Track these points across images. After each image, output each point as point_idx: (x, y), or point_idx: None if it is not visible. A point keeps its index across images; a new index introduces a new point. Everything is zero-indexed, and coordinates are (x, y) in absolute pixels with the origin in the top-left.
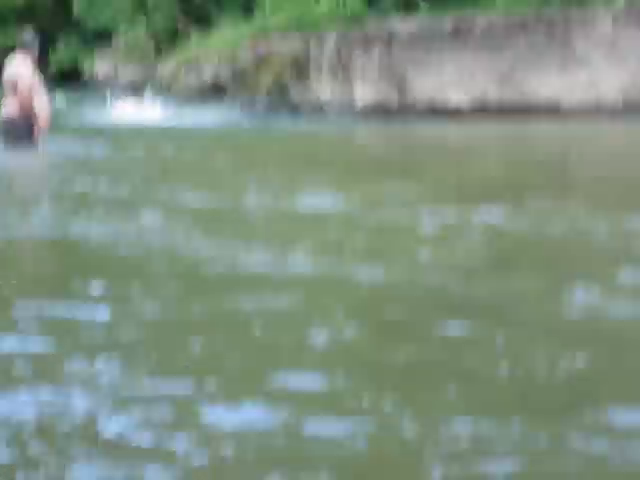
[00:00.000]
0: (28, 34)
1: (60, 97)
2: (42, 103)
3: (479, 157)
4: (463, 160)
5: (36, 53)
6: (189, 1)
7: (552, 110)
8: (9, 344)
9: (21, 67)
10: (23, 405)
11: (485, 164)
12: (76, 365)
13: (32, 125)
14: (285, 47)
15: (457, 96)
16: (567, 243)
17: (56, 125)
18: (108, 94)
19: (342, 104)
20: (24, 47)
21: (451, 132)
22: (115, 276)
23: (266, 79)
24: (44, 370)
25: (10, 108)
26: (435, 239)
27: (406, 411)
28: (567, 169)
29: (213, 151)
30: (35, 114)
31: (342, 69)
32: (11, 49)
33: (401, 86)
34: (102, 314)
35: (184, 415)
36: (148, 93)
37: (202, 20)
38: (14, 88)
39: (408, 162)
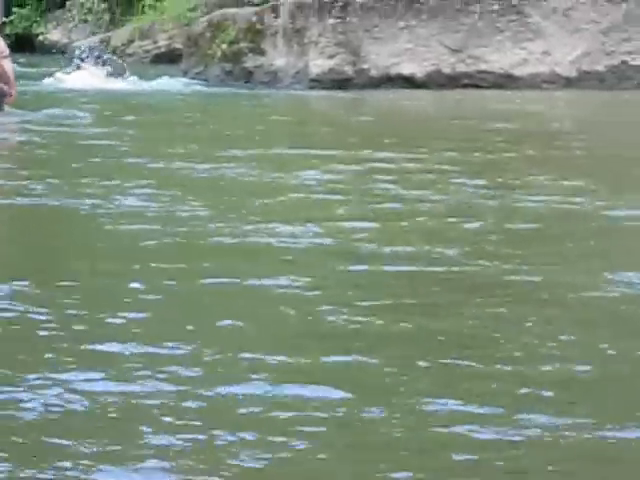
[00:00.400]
0: None
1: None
2: (9, 68)
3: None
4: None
5: (1, 18)
6: None
7: (506, 81)
8: None
9: None
10: None
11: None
12: None
13: (2, 91)
14: (240, 14)
15: (411, 65)
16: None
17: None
18: (62, 60)
19: (296, 72)
20: None
21: (404, 99)
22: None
23: (220, 46)
24: None
25: None
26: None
27: None
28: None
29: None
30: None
31: (297, 37)
32: None
33: (356, 54)
34: None
35: None
36: (104, 59)
37: None
38: None
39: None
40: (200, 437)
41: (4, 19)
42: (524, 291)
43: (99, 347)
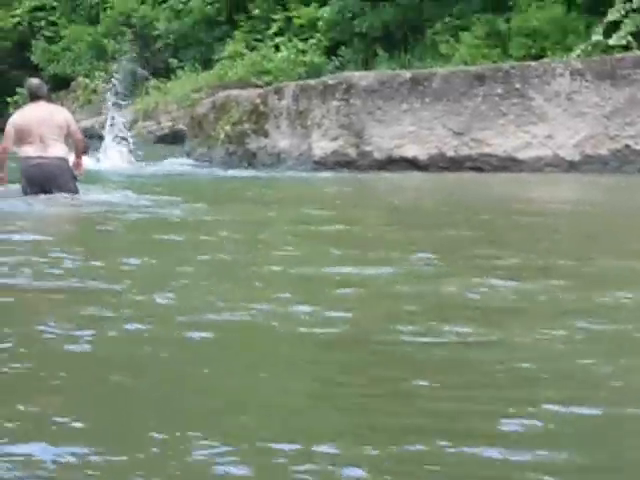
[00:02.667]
0: (41, 83)
1: None
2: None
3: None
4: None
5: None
6: (147, 50)
7: (509, 164)
8: None
9: (65, 112)
10: None
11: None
12: None
13: (72, 171)
14: (243, 96)
15: (414, 148)
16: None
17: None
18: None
19: (300, 154)
20: (41, 95)
21: (411, 180)
22: None
23: (224, 128)
24: None
25: (58, 151)
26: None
27: None
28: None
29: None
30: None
31: (300, 119)
32: None
33: (359, 137)
34: None
35: None
36: (120, 140)
37: (161, 69)
38: (61, 133)
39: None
40: None
41: (7, 99)
42: None
43: None
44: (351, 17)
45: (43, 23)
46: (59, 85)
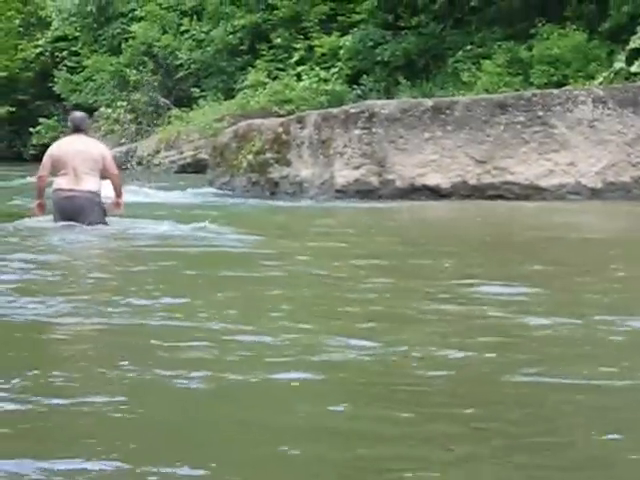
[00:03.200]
0: (84, 117)
1: None
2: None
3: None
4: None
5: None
6: (170, 80)
7: (532, 192)
8: None
9: (101, 147)
10: None
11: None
12: None
13: (102, 205)
14: (265, 125)
15: (437, 176)
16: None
17: None
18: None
19: (322, 183)
20: (82, 129)
21: (436, 209)
22: None
23: (246, 157)
24: None
25: (90, 185)
26: None
27: None
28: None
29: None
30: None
31: (322, 148)
32: None
33: (381, 165)
34: None
35: None
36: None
37: (183, 99)
38: (95, 167)
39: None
40: None
41: (31, 129)
42: None
43: None
44: (372, 46)
45: (65, 53)
46: None
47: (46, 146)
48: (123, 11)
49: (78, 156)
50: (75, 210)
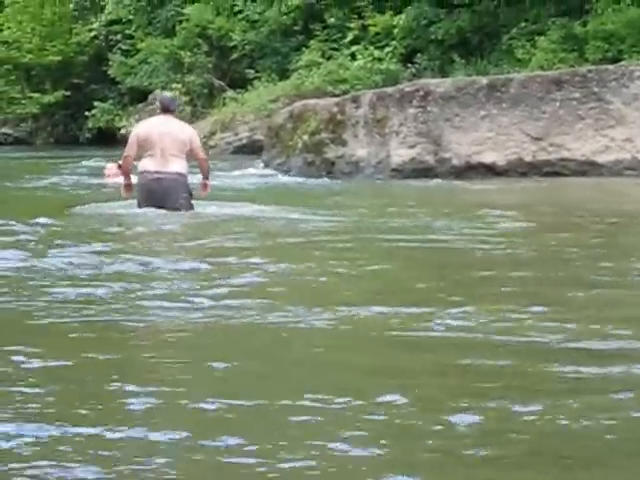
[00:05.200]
0: (174, 98)
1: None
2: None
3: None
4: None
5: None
6: (224, 62)
7: (588, 168)
8: None
9: (190, 130)
10: None
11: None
12: None
13: (189, 187)
14: (320, 105)
15: (492, 154)
16: None
17: None
18: None
19: (378, 162)
20: (171, 110)
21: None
22: None
23: (302, 137)
24: None
25: (177, 167)
26: None
27: None
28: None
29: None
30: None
31: (378, 127)
32: (48, 106)
33: (437, 144)
34: None
35: None
36: None
37: (237, 80)
38: (182, 149)
39: None
40: None
41: (86, 113)
42: None
43: None
44: (426, 24)
45: (119, 36)
46: (136, 98)
47: (101, 130)
48: None
49: (166, 137)
50: (163, 192)
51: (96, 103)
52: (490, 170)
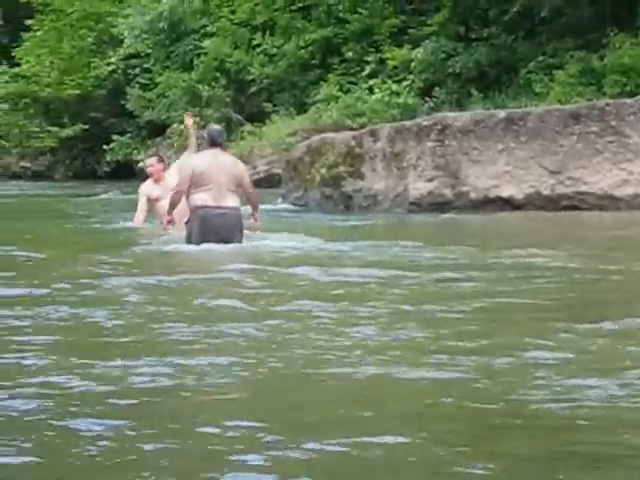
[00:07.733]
0: (222, 131)
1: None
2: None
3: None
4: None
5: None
6: (242, 95)
7: (606, 202)
8: None
9: (241, 164)
10: None
11: None
12: None
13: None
14: (338, 139)
15: (510, 187)
16: None
17: None
18: None
19: (396, 195)
20: (220, 143)
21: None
22: None
23: (320, 171)
24: None
25: (234, 202)
26: None
27: None
28: None
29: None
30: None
31: (395, 160)
32: (67, 140)
33: (455, 177)
34: None
35: None
36: None
37: (255, 114)
38: (237, 184)
39: None
40: None
41: (104, 146)
42: None
43: None
44: (444, 58)
45: (138, 70)
46: (154, 131)
47: (120, 163)
48: (194, 27)
49: (222, 172)
50: (226, 228)
51: (114, 137)
52: (508, 204)
